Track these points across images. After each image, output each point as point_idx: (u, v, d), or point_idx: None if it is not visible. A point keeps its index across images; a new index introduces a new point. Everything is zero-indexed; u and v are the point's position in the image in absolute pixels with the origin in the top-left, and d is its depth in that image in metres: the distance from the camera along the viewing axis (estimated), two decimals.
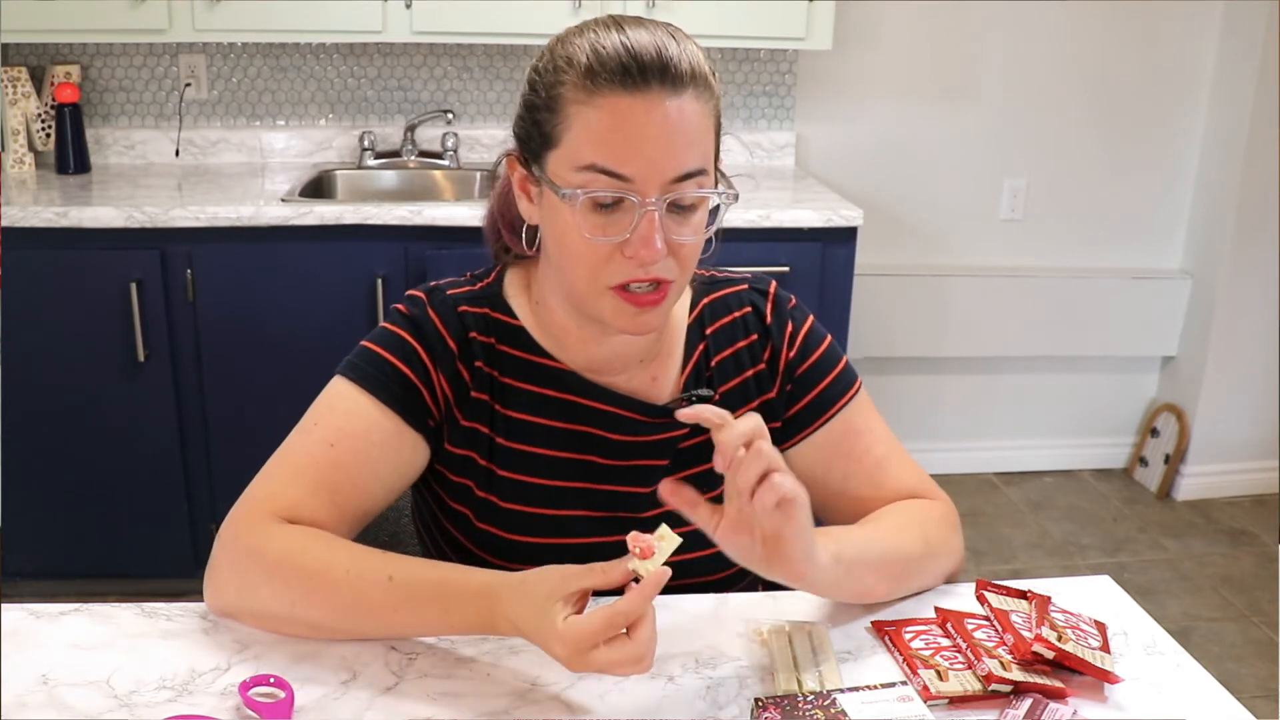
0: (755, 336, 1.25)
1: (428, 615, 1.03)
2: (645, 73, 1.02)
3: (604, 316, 1.10)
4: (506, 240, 1.21)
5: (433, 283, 1.21)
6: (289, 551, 1.06)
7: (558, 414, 1.19)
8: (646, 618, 0.94)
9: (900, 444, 1.29)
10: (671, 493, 0.98)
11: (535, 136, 1.09)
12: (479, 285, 1.21)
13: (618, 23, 1.06)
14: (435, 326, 1.16)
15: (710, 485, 1.22)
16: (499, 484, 1.19)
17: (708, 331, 1.24)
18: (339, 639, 1.08)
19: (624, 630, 0.94)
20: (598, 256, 1.06)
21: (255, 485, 1.12)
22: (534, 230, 1.14)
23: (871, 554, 1.13)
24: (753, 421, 0.96)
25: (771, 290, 1.27)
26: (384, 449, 1.14)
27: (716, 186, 1.09)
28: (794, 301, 1.28)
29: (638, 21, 1.06)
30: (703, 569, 1.15)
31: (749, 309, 1.26)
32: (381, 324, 1.19)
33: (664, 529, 0.96)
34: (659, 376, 1.22)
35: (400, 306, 1.18)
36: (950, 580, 1.23)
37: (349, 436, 1.12)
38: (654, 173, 1.03)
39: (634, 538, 0.96)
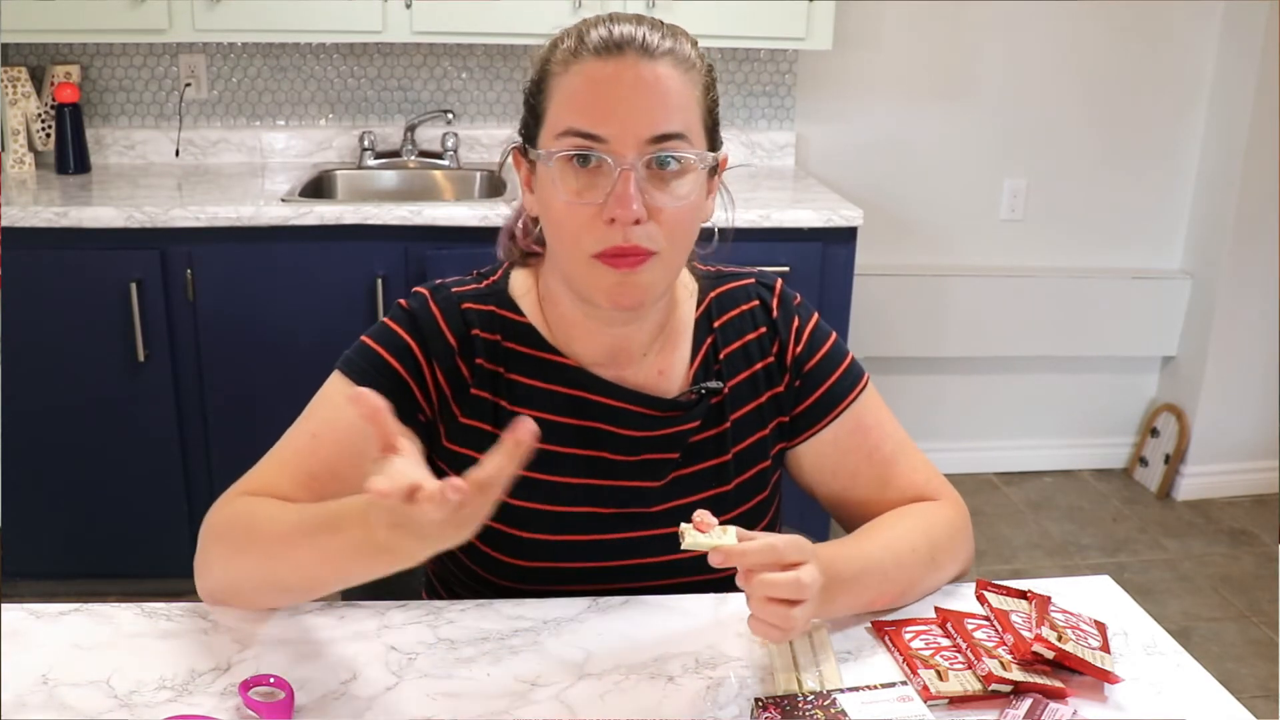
0: (764, 329, 1.25)
1: (323, 539, 0.99)
2: (621, 44, 1.05)
3: (591, 290, 1.10)
4: (518, 240, 1.23)
5: (439, 280, 1.22)
6: (234, 515, 1.10)
7: (566, 410, 1.19)
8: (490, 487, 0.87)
9: (909, 439, 1.28)
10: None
11: (530, 122, 1.12)
12: (485, 283, 1.21)
13: (611, 17, 1.09)
14: (435, 321, 1.17)
15: (721, 480, 1.23)
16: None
17: (716, 324, 1.24)
18: (271, 594, 1.09)
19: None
20: (579, 222, 1.06)
21: (246, 474, 1.16)
22: (536, 222, 1.16)
23: (871, 578, 1.13)
24: (767, 556, 0.98)
25: (777, 286, 1.28)
26: (367, 440, 1.14)
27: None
28: (799, 299, 1.28)
29: (634, 17, 1.09)
30: (702, 567, 1.15)
31: (756, 302, 1.26)
32: (382, 319, 1.19)
33: (732, 529, 0.99)
34: (666, 370, 1.21)
35: (403, 302, 1.19)
36: (956, 580, 1.23)
37: (332, 427, 1.14)
38: (628, 133, 1.04)
39: (701, 513, 1.00)
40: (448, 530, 0.89)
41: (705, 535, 0.98)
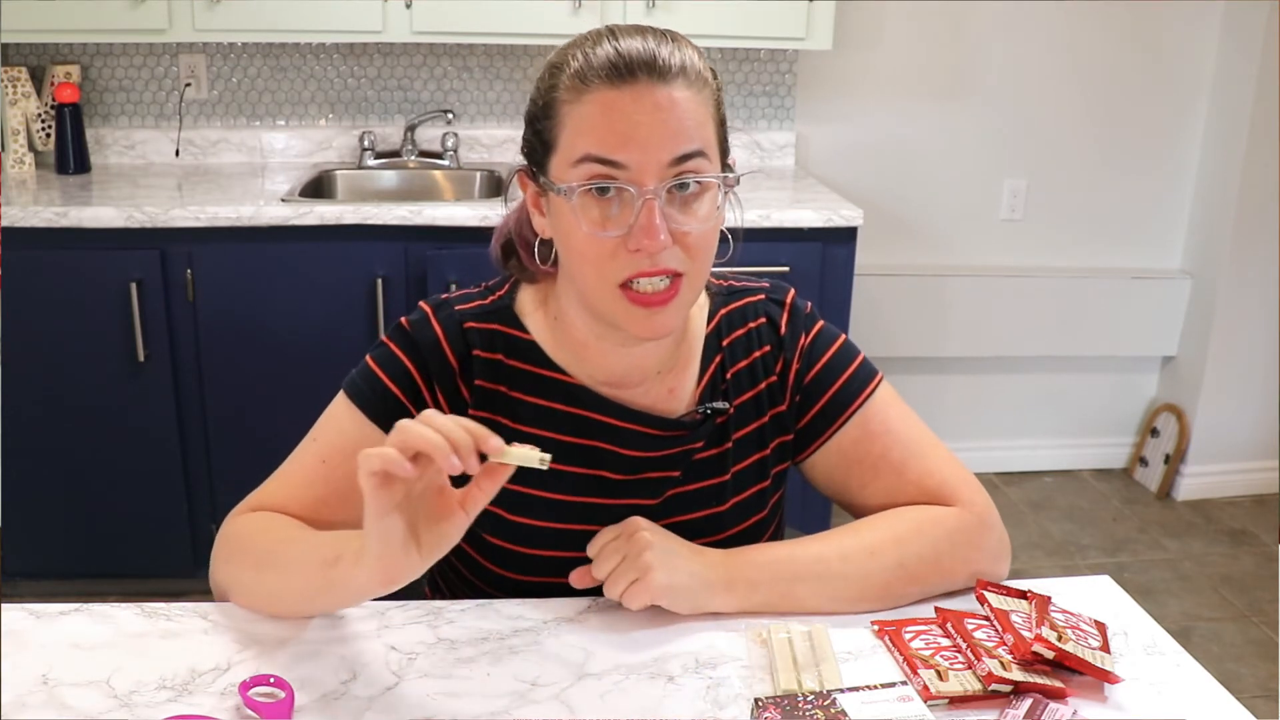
0: (769, 348, 1.24)
1: (329, 547, 1.03)
2: (633, 68, 1.02)
3: (618, 321, 1.08)
4: (525, 261, 1.20)
5: (443, 295, 1.21)
6: (264, 527, 1.13)
7: (569, 429, 1.18)
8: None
9: (928, 439, 1.25)
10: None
11: (537, 147, 1.09)
12: (490, 299, 1.20)
13: (612, 32, 1.06)
14: (437, 342, 1.16)
15: (719, 499, 1.22)
16: (505, 497, 1.17)
17: (724, 343, 1.23)
18: (292, 610, 1.11)
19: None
20: (603, 253, 1.04)
21: (257, 490, 1.18)
22: (548, 245, 1.13)
23: (807, 578, 1.14)
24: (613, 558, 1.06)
25: (788, 300, 1.25)
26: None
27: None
28: (810, 307, 1.27)
29: (635, 30, 1.06)
30: None
31: (764, 319, 1.24)
32: (383, 337, 1.19)
33: (541, 454, 0.94)
34: (676, 389, 1.20)
35: (404, 321, 1.18)
36: (986, 578, 1.20)
37: (340, 454, 1.15)
38: (648, 159, 1.02)
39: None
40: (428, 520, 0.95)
41: (513, 450, 0.96)
